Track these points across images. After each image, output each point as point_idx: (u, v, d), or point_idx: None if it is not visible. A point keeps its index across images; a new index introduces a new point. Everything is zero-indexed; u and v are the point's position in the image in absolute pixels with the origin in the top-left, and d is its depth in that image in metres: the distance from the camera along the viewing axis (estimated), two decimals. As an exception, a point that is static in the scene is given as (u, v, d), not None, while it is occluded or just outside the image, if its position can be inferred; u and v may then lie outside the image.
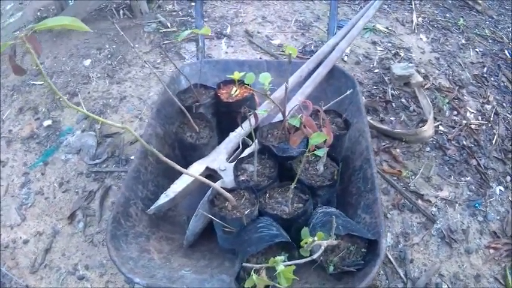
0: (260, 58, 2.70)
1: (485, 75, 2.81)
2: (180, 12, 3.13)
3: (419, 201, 2.07)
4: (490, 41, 3.11)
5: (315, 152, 1.18)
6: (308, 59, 2.67)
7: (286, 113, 1.38)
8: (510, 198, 2.21)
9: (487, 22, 3.30)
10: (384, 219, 1.60)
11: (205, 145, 1.46)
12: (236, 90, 1.57)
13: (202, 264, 1.30)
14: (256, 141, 1.33)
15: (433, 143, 2.35)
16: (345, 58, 2.79)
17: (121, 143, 2.25)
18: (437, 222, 2.00)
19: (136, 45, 2.80)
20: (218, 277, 1.22)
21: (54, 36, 2.90)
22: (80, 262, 1.81)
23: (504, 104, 2.67)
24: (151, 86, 2.56)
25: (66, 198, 2.03)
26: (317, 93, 1.74)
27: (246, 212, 1.24)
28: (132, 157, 2.18)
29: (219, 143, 1.53)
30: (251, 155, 1.46)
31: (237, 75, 1.55)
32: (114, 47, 2.79)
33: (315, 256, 1.03)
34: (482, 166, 2.29)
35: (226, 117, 1.58)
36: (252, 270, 1.02)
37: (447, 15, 3.31)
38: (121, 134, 2.28)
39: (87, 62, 2.67)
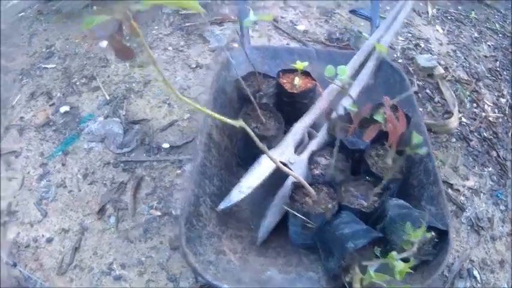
0: (287, 44, 2.59)
1: (498, 69, 2.81)
2: (198, -6, 2.94)
3: (450, 190, 2.06)
4: (500, 35, 3.11)
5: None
6: (335, 46, 2.64)
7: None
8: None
9: (496, 16, 3.30)
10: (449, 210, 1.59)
11: (274, 137, 1.36)
12: (299, 81, 1.46)
13: (281, 263, 1.22)
14: (336, 135, 1.24)
15: (458, 134, 2.33)
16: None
17: (150, 130, 2.08)
18: (466, 210, 2.00)
19: (156, 27, 2.62)
20: (306, 275, 1.16)
21: (64, 17, 2.67)
22: (115, 261, 1.65)
23: (516, 98, 2.68)
24: (177, 70, 2.39)
25: (92, 190, 1.86)
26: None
27: (330, 207, 1.19)
28: (165, 145, 2.03)
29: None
30: (322, 148, 1.38)
31: (300, 64, 1.45)
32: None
33: (414, 249, 1.03)
34: (502, 157, 2.30)
35: (288, 108, 1.48)
36: (368, 267, 0.97)
37: (459, 7, 3.28)
38: (149, 121, 2.12)
39: (104, 44, 2.46)
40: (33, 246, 1.69)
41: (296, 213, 1.15)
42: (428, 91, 2.47)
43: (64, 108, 2.15)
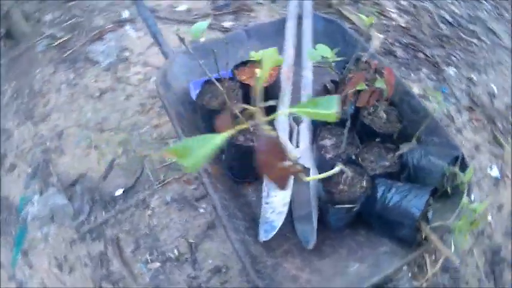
0: (178, 29, 2.44)
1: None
2: (63, 17, 2.62)
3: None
4: None
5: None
6: (224, 13, 2.56)
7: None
8: (464, 74, 2.46)
9: None
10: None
11: (271, 141, 1.30)
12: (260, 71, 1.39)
13: (346, 253, 1.22)
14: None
15: (382, 51, 2.45)
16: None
17: (93, 183, 1.90)
18: (424, 118, 2.17)
19: (37, 71, 2.31)
20: (380, 252, 1.19)
21: None
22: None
23: (414, -5, 2.86)
24: (82, 105, 2.17)
25: (78, 278, 1.66)
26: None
27: (366, 184, 1.21)
28: (118, 192, 1.87)
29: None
30: (315, 130, 1.36)
31: (257, 55, 1.37)
32: (14, 83, 2.25)
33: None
34: (429, 56, 2.49)
35: (261, 104, 1.41)
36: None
37: None
38: (86, 174, 1.92)
39: (-6, 108, 2.13)
40: None
41: (343, 206, 1.15)
42: (336, 21, 2.54)
43: (-6, 204, 1.87)
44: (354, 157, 1.28)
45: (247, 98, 1.40)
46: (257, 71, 1.36)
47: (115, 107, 2.15)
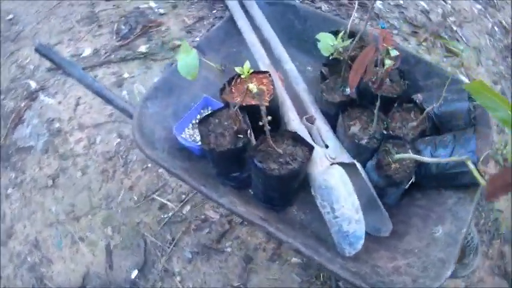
0: (96, 76, 2.29)
1: None
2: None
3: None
4: None
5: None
6: (133, 39, 2.41)
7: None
8: (391, 3, 2.56)
9: None
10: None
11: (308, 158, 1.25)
12: (256, 86, 1.30)
13: (420, 222, 1.25)
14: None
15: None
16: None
17: (101, 277, 1.77)
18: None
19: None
20: (449, 204, 1.23)
21: None
22: None
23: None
24: (42, 201, 1.98)
25: None
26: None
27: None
28: (133, 274, 1.77)
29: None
30: (342, 120, 1.34)
31: (245, 69, 1.27)
32: None
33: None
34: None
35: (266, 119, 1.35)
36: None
37: None
38: (88, 272, 1.77)
39: None
40: None
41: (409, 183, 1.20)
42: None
43: None
44: (385, 132, 1.28)
45: (254, 119, 1.32)
46: (251, 86, 1.29)
47: (77, 188, 1.97)
